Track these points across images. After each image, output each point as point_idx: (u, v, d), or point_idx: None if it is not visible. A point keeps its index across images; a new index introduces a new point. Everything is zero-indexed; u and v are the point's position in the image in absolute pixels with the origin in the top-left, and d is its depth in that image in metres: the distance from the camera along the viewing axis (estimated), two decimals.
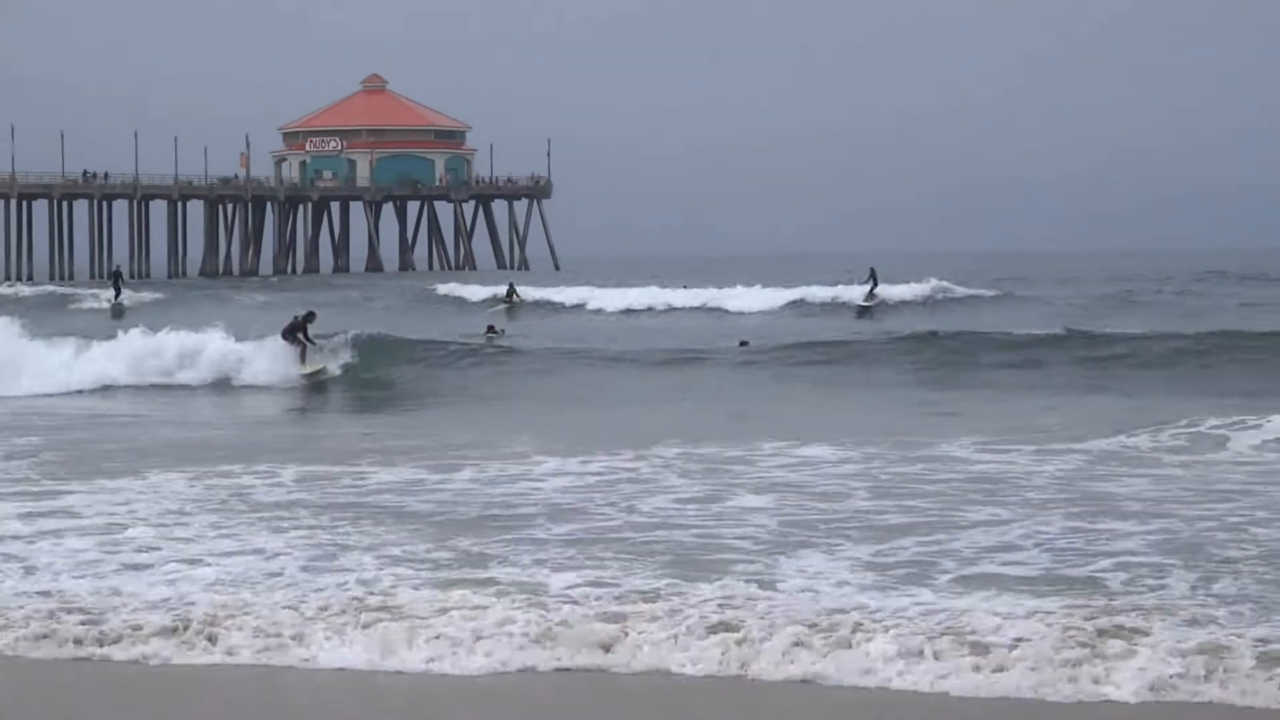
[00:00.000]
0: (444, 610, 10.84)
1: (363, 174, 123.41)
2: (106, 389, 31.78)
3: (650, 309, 66.34)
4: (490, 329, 47.19)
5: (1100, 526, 14.14)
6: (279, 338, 33.27)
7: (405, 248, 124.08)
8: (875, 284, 65.98)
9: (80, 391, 31.16)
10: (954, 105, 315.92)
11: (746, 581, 11.34)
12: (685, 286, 75.18)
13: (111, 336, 37.26)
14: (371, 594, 11.63)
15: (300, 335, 32.69)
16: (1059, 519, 14.38)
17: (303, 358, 32.47)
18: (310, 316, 33.94)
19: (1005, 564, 12.49)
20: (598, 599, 11.06)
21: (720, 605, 10.75)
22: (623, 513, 15.26)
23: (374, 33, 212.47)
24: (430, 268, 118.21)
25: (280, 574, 12.58)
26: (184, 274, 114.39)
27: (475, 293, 74.38)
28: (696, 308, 65.80)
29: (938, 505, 15.59)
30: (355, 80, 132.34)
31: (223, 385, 32.85)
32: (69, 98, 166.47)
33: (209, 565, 13.08)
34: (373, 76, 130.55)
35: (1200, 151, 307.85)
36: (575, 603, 10.79)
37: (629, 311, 65.39)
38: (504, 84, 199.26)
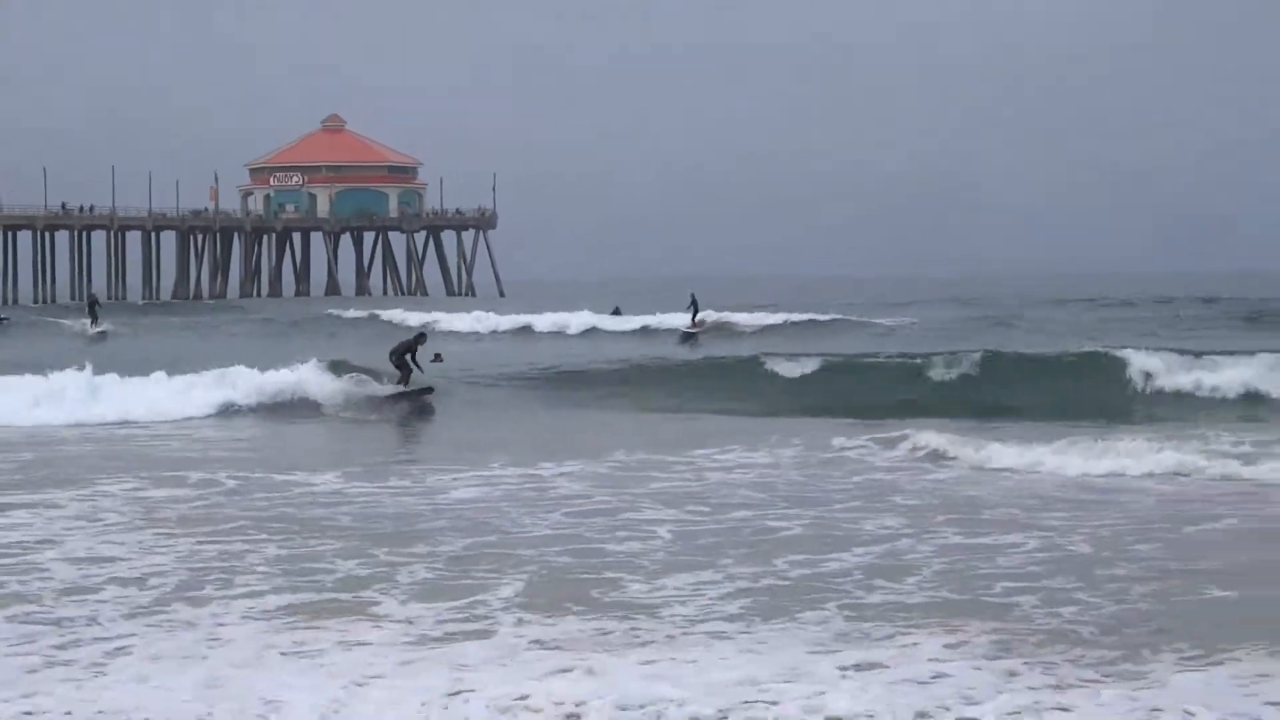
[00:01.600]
0: None
1: (323, 207, 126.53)
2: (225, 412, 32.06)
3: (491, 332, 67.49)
4: (436, 356, 46.44)
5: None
6: (388, 357, 33.00)
7: (362, 274, 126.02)
8: (696, 311, 66.57)
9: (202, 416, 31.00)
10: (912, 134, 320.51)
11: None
12: (617, 311, 74.25)
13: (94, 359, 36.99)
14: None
15: (409, 358, 32.34)
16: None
17: (406, 380, 32.20)
18: (421, 338, 33.21)
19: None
20: None
21: None
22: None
23: (334, 75, 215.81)
24: (385, 293, 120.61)
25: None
26: (158, 298, 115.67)
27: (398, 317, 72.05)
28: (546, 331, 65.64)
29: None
30: (316, 120, 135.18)
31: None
32: (53, 138, 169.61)
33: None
34: (333, 117, 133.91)
35: None
36: None
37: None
38: (454, 122, 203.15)
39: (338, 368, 34.35)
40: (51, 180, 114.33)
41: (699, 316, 65.45)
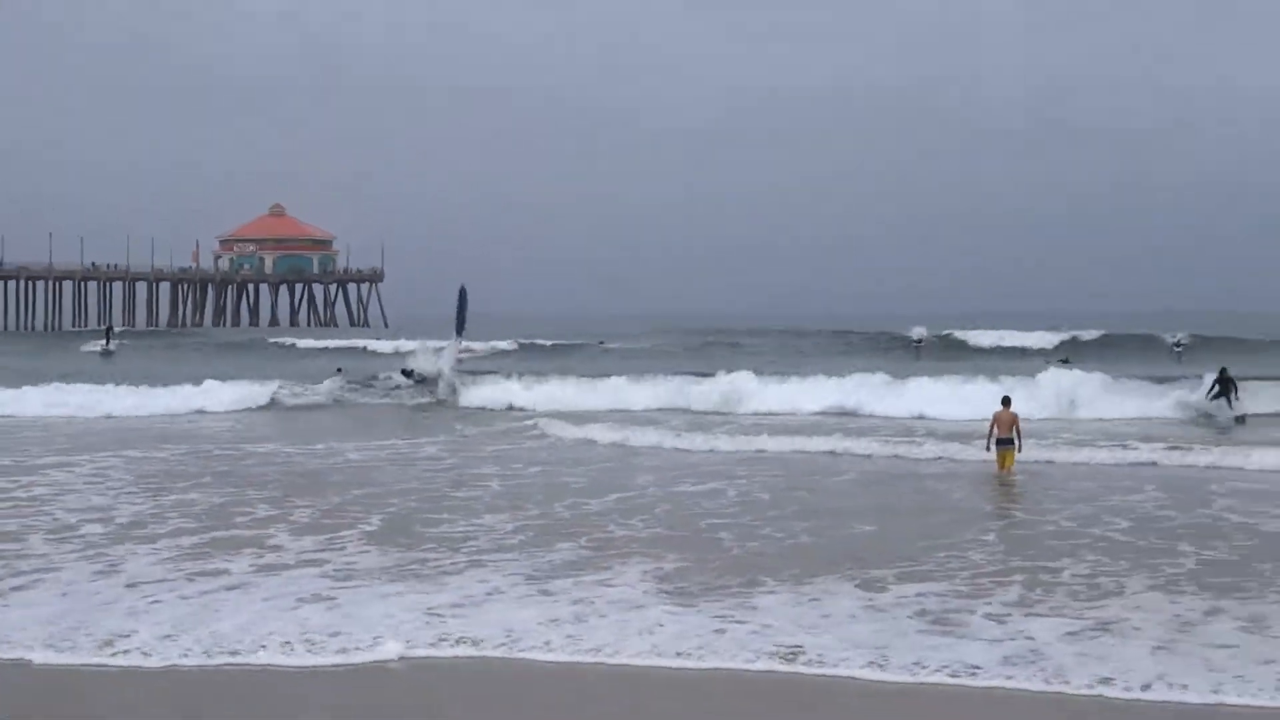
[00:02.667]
0: None
1: (268, 266, 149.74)
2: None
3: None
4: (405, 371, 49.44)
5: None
6: None
7: (293, 312, 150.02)
8: (110, 337, 76.09)
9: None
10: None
11: None
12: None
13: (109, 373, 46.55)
14: None
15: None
16: None
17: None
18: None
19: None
20: None
21: None
22: None
23: (280, 175, 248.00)
24: (309, 325, 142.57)
25: None
26: (157, 326, 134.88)
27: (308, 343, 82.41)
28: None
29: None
30: (265, 207, 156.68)
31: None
32: (59, 205, 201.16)
33: None
34: (276, 205, 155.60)
35: None
36: None
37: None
38: (362, 204, 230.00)
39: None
40: (72, 243, 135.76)
41: (112, 343, 75.97)
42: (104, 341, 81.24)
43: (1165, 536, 17.45)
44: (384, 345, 71.52)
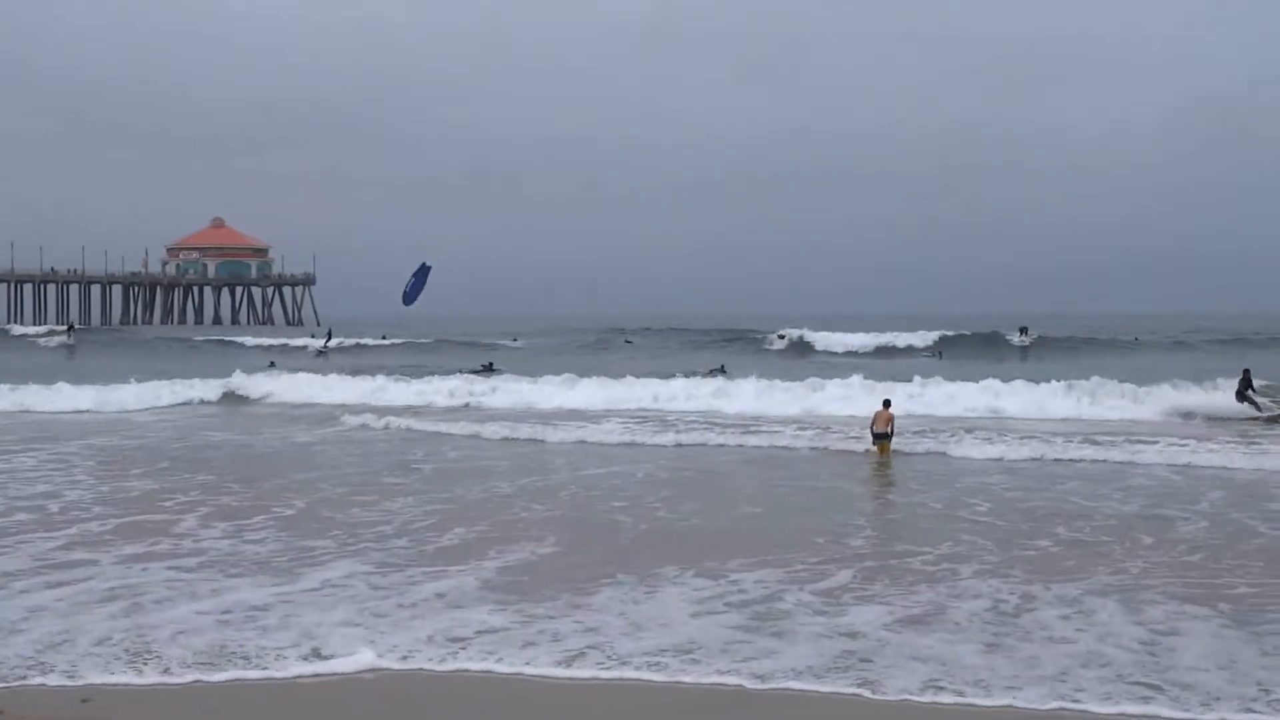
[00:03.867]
0: None
1: (211, 272, 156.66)
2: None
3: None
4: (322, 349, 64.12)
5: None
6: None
7: (234, 313, 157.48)
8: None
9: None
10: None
11: None
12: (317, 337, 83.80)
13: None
14: None
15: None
16: None
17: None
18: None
19: None
20: None
21: None
22: None
23: (219, 188, 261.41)
24: (247, 323, 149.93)
25: None
26: (110, 324, 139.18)
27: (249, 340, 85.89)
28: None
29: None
30: (208, 218, 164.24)
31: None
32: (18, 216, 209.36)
33: None
34: (217, 218, 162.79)
35: None
36: None
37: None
38: (299, 216, 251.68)
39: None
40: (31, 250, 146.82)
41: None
42: (66, 335, 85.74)
43: (1025, 519, 17.89)
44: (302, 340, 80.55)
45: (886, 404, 26.71)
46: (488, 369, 50.93)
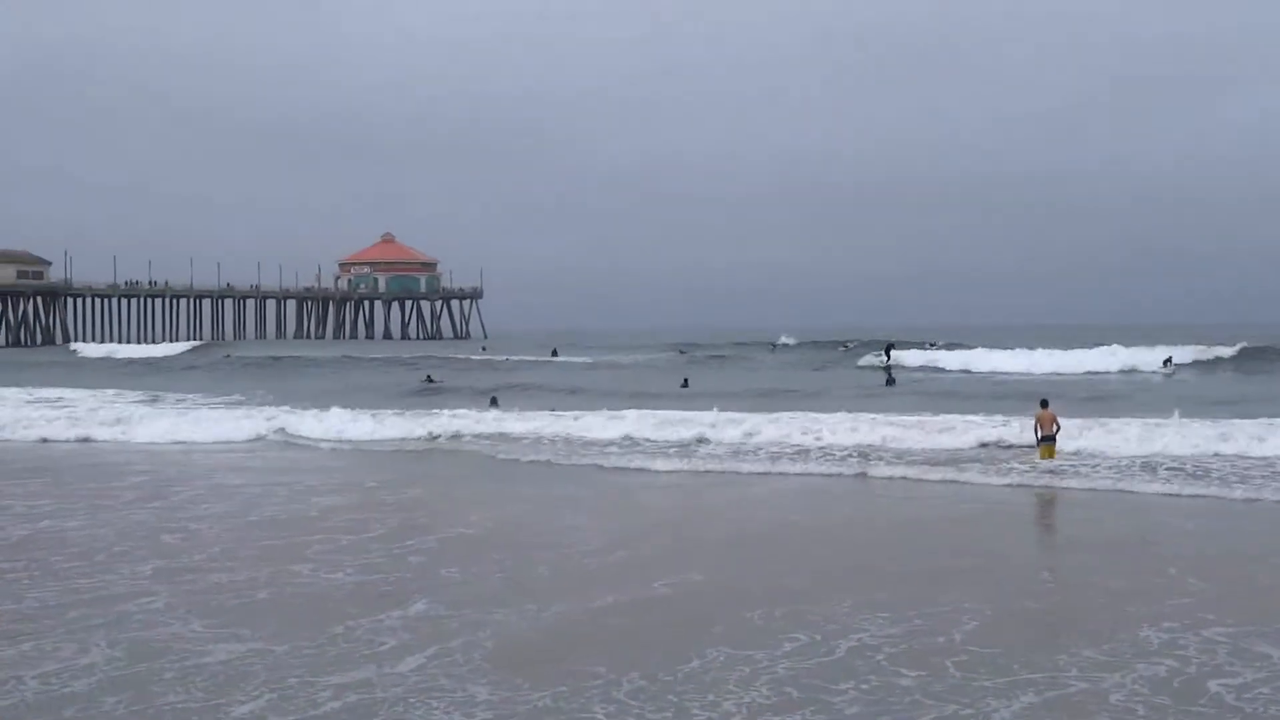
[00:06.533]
0: None
1: (382, 286, 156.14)
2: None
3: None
4: (429, 378, 56.46)
5: None
6: None
7: (404, 326, 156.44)
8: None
9: None
10: None
11: None
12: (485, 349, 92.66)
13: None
14: None
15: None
16: None
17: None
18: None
19: None
20: None
21: None
22: None
23: (390, 209, 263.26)
24: (417, 337, 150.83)
25: None
26: (284, 336, 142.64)
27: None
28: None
29: None
30: (378, 235, 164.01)
31: None
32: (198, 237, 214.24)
33: None
34: (387, 234, 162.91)
35: None
36: None
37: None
38: (467, 236, 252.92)
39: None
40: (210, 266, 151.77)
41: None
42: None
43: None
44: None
45: (1045, 404, 25.61)
46: (427, 380, 51.76)
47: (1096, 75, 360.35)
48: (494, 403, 40.41)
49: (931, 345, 75.82)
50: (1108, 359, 61.48)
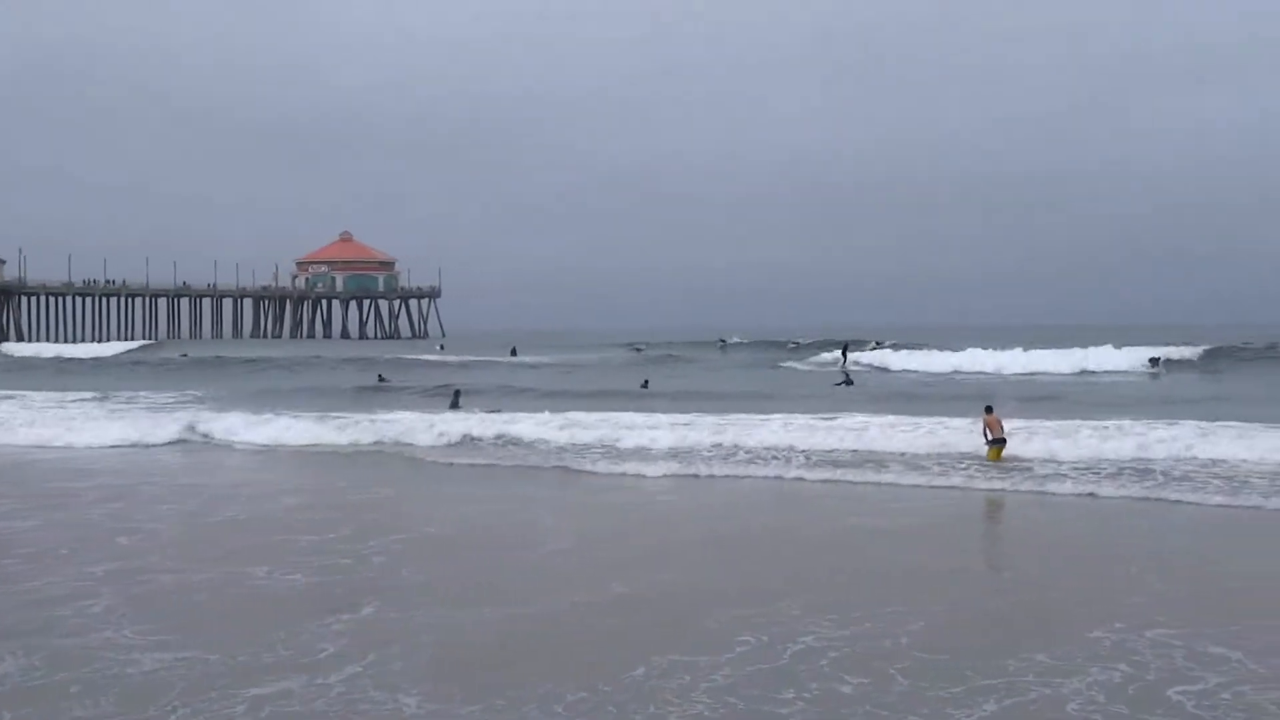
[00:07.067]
0: None
1: (339, 285, 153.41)
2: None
3: None
4: (381, 377, 55.51)
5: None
6: None
7: (361, 325, 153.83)
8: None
9: None
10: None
11: None
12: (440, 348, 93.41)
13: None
14: None
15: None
16: None
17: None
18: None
19: None
20: None
21: None
22: None
23: (345, 207, 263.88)
24: (375, 337, 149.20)
25: None
26: (241, 335, 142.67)
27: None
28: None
29: None
30: (336, 234, 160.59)
31: None
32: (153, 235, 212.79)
33: None
34: (345, 233, 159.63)
35: None
36: None
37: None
38: (422, 234, 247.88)
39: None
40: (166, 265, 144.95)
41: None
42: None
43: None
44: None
45: (990, 409, 25.82)
46: (381, 380, 51.53)
47: (1097, 75, 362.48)
48: (455, 403, 39.31)
49: (878, 344, 76.32)
50: (1068, 359, 60.75)
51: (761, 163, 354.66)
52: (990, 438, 24.73)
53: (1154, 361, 57.34)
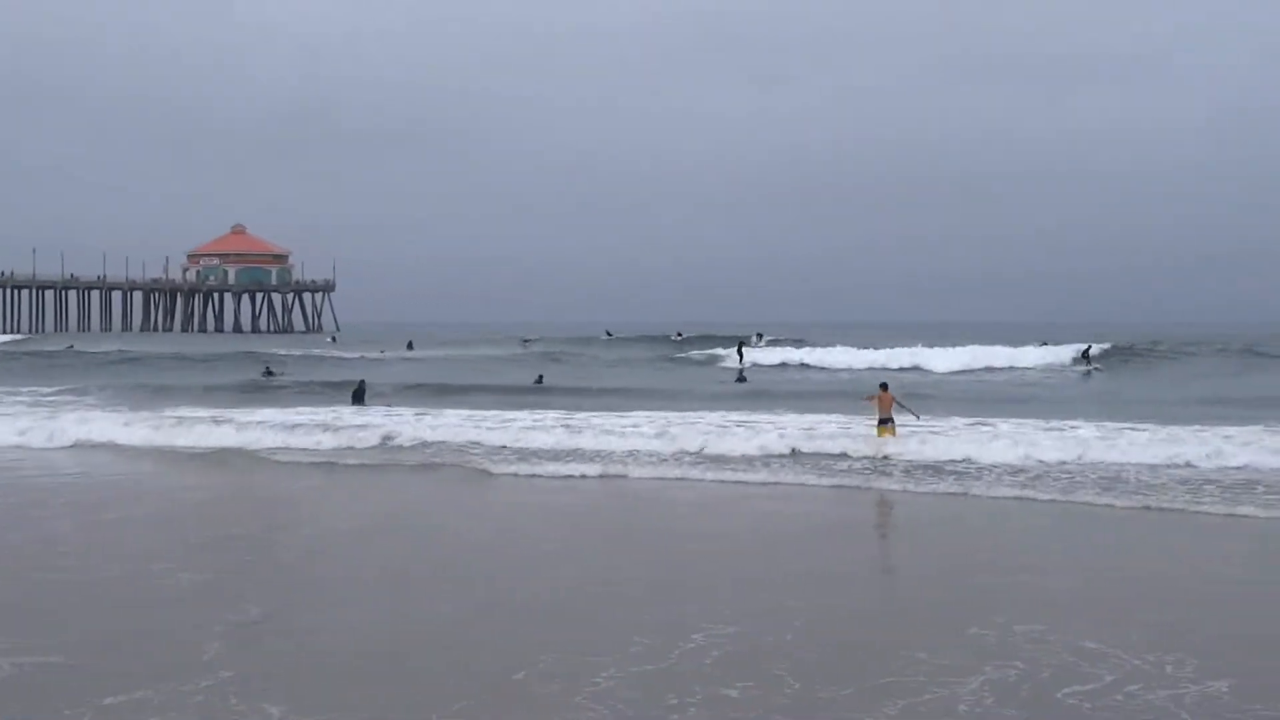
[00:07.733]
0: None
1: (231, 278, 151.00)
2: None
3: None
4: (268, 371, 55.29)
5: None
6: None
7: (254, 318, 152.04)
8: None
9: None
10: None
11: None
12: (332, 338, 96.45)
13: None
14: None
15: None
16: None
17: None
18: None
19: None
20: None
21: None
22: None
23: (238, 200, 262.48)
24: (268, 330, 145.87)
25: None
26: (130, 329, 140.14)
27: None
28: None
29: None
30: (228, 226, 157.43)
31: None
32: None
33: None
34: (238, 225, 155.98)
35: None
36: None
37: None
38: (316, 224, 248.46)
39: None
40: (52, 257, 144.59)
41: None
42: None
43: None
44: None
45: (884, 386, 26.14)
46: (268, 374, 51.20)
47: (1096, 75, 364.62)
48: (357, 397, 37.15)
49: (759, 337, 76.37)
50: (988, 355, 59.37)
51: (762, 162, 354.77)
52: (880, 415, 25.00)
53: (1086, 357, 55.29)
